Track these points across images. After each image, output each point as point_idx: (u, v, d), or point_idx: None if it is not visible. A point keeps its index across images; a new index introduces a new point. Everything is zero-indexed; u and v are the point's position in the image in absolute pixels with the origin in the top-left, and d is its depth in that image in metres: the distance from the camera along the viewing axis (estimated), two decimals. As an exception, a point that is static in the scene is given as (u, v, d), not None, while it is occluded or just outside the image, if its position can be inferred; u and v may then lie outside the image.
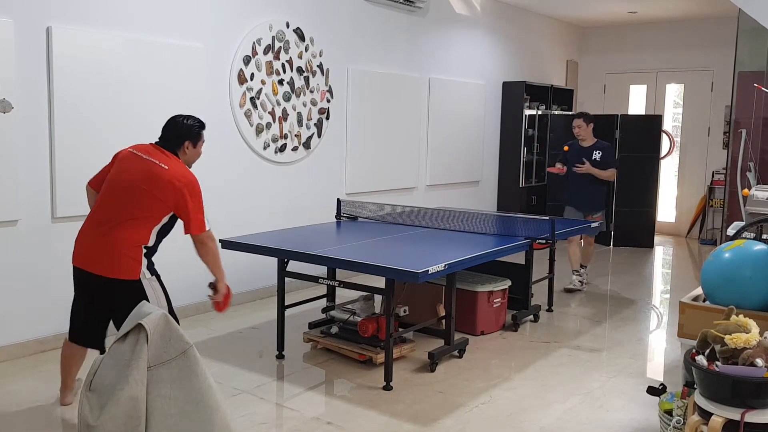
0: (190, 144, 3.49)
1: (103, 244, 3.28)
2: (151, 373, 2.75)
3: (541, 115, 9.12)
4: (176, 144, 3.45)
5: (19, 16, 4.20)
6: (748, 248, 3.24)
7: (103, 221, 3.31)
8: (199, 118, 3.56)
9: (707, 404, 2.64)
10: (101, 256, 3.29)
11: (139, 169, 3.32)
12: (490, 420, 3.56)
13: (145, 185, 3.28)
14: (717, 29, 9.27)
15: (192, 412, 2.75)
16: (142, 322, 2.78)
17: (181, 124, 3.47)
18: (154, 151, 3.40)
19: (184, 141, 3.46)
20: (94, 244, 3.31)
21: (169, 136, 3.46)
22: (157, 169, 3.31)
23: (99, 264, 3.29)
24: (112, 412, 2.68)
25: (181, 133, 3.46)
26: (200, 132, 3.53)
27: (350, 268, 3.96)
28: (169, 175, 3.30)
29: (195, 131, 3.50)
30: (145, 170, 3.31)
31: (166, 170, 3.31)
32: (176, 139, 3.46)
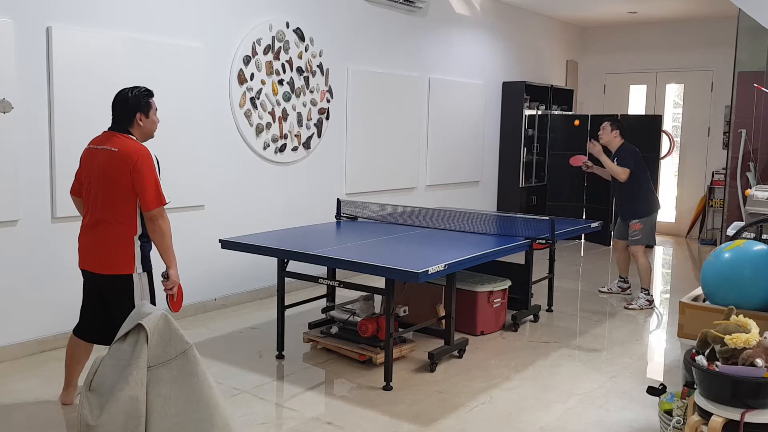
0: (142, 115, 3.41)
1: (97, 244, 3.37)
2: (151, 373, 2.75)
3: (541, 115, 9.12)
4: (127, 121, 3.39)
5: (19, 16, 4.20)
6: (748, 248, 3.24)
7: (92, 223, 3.38)
8: (144, 87, 3.46)
9: (707, 404, 2.64)
10: (97, 255, 3.37)
11: (98, 162, 3.34)
12: (490, 420, 3.56)
13: (109, 174, 3.29)
14: (717, 29, 9.27)
15: (192, 412, 2.75)
16: (142, 323, 2.78)
17: (127, 99, 3.39)
18: (107, 138, 3.38)
19: (134, 114, 3.39)
20: (90, 245, 3.40)
21: (119, 114, 3.41)
22: (109, 154, 3.30)
23: (97, 263, 3.38)
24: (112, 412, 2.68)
25: (129, 107, 3.39)
26: (148, 100, 3.43)
27: (350, 268, 3.96)
28: (119, 154, 3.28)
29: (143, 101, 3.41)
30: (103, 160, 3.32)
31: (116, 152, 3.29)
32: (126, 115, 3.39)
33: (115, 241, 3.32)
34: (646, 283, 5.89)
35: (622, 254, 6.15)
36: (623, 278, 6.28)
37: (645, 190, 5.87)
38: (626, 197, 5.91)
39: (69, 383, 3.62)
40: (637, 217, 5.83)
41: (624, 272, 6.25)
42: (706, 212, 9.43)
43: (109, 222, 3.32)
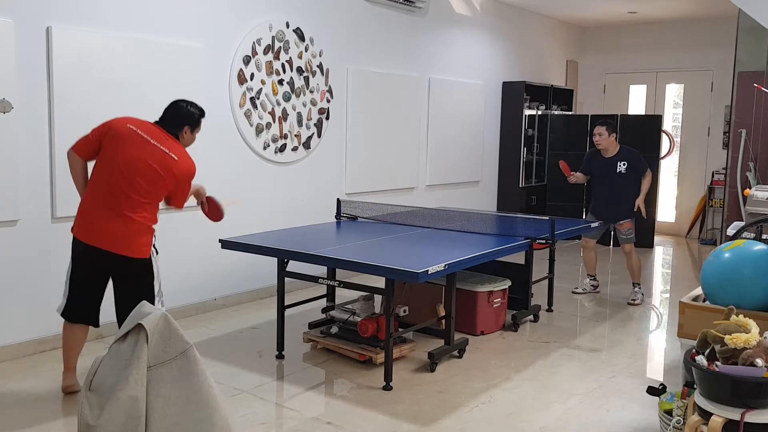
0: (189, 129, 3.65)
1: (122, 226, 3.44)
2: (151, 373, 2.75)
3: (541, 115, 9.12)
4: (177, 128, 3.60)
5: (19, 16, 4.20)
6: (748, 248, 3.24)
7: (117, 202, 3.44)
8: (201, 106, 3.70)
9: (707, 404, 2.64)
10: (120, 237, 3.44)
11: (152, 154, 3.46)
12: (490, 420, 3.56)
13: (161, 173, 3.47)
14: (717, 29, 9.27)
15: (192, 412, 2.75)
16: (142, 322, 2.78)
17: (183, 110, 3.62)
18: (161, 136, 3.53)
19: (184, 126, 3.62)
20: (111, 225, 3.44)
21: (170, 120, 3.60)
22: (170, 160, 3.50)
23: (117, 244, 3.44)
24: (112, 412, 2.68)
25: (183, 118, 3.61)
26: (200, 120, 3.69)
27: (350, 268, 3.96)
28: (180, 167, 3.53)
29: (195, 118, 3.66)
30: (160, 159, 3.47)
31: (176, 162, 3.53)
32: (177, 124, 3.60)
33: (142, 229, 3.49)
34: (639, 278, 6.10)
35: (592, 253, 6.27)
36: (593, 276, 6.37)
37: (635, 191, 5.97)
38: (621, 198, 5.95)
39: (68, 366, 3.68)
40: (630, 217, 5.95)
41: (593, 271, 6.36)
42: (706, 212, 9.43)
43: (140, 211, 3.46)
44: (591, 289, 6.35)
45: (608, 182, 5.95)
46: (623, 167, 5.90)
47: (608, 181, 5.95)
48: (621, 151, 5.94)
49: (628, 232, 5.97)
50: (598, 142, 5.93)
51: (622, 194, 5.94)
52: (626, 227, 5.97)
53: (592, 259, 6.30)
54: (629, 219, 5.95)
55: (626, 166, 5.89)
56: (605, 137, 5.89)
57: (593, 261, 6.31)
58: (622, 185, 5.92)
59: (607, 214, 5.99)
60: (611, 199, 5.96)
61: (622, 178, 5.92)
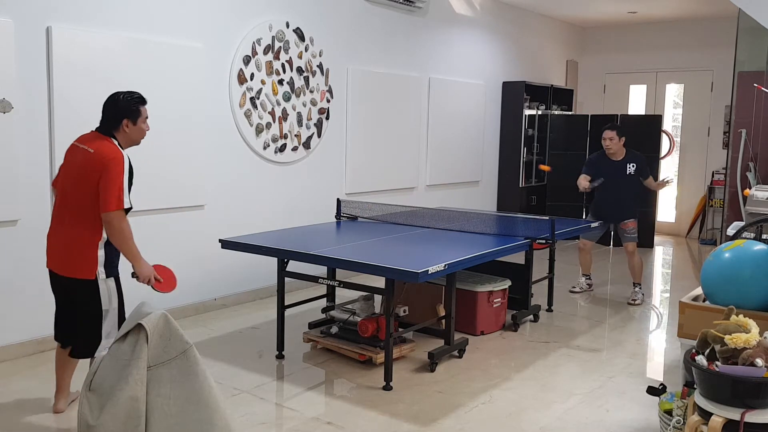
0: (129, 122, 3.31)
1: (62, 244, 3.30)
2: (151, 373, 2.75)
3: (541, 115, 9.12)
4: (113, 124, 3.31)
5: (19, 16, 4.20)
6: (748, 248, 3.24)
7: (60, 221, 3.33)
8: (138, 92, 3.39)
9: (707, 404, 2.64)
10: (61, 256, 3.30)
11: (76, 161, 3.29)
12: (490, 420, 3.56)
13: (81, 174, 3.22)
14: (717, 29, 9.27)
15: (192, 412, 2.75)
16: (142, 322, 2.78)
17: (117, 102, 3.31)
18: (90, 138, 3.32)
19: (121, 120, 3.30)
20: (56, 245, 3.33)
21: (107, 117, 3.33)
22: (86, 154, 3.23)
23: (59, 264, 3.31)
24: (112, 412, 2.68)
25: (118, 112, 3.30)
26: (139, 108, 3.34)
27: (350, 268, 3.96)
28: (93, 156, 3.21)
29: (133, 107, 3.32)
30: (80, 160, 3.26)
31: (92, 153, 3.21)
32: (113, 119, 3.31)
33: (78, 245, 3.23)
34: (641, 278, 6.16)
35: (588, 255, 6.36)
36: (588, 276, 6.45)
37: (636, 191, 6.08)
38: (628, 199, 6.01)
39: (58, 388, 3.56)
40: (633, 217, 6.05)
41: (588, 270, 6.43)
42: (706, 212, 9.43)
43: (76, 224, 3.24)
44: (586, 287, 6.42)
45: (617, 184, 5.98)
46: (632, 169, 5.97)
47: (617, 183, 5.97)
48: (628, 154, 6.03)
49: (632, 231, 6.03)
50: (608, 146, 5.94)
51: (630, 195, 6.03)
52: (630, 226, 6.03)
53: (588, 260, 6.39)
54: (633, 218, 6.03)
55: (635, 168, 5.97)
56: (615, 141, 5.93)
57: (588, 262, 6.40)
58: (630, 187, 6.01)
59: (612, 214, 6.04)
60: (618, 200, 6.00)
61: (631, 179, 6.00)
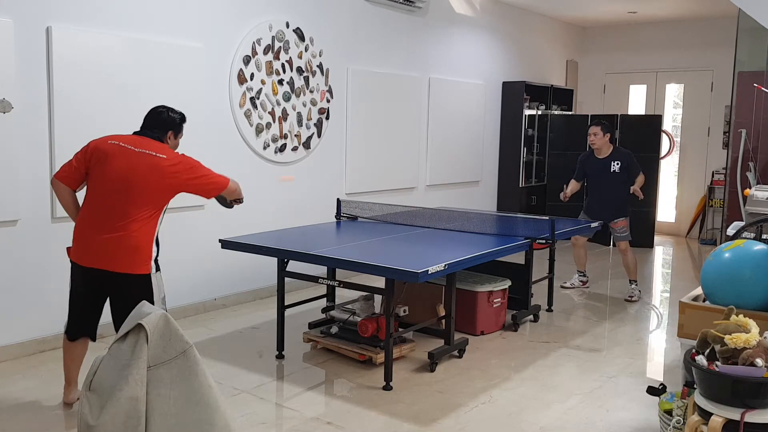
0: (173, 134, 3.58)
1: (118, 243, 3.32)
2: (150, 373, 2.75)
3: (541, 115, 9.12)
4: (161, 133, 3.53)
5: (19, 16, 4.20)
6: (748, 248, 3.24)
7: (113, 219, 3.32)
8: (181, 111, 3.64)
9: (707, 404, 2.64)
10: (117, 253, 3.33)
11: (139, 163, 3.34)
12: (490, 420, 3.56)
13: (152, 177, 3.34)
14: (717, 29, 9.27)
15: (192, 412, 2.75)
16: (142, 322, 2.78)
17: (165, 115, 3.56)
18: (145, 142, 3.43)
19: (167, 131, 3.55)
20: (107, 243, 3.32)
21: (153, 126, 3.54)
22: (159, 160, 3.37)
23: (114, 262, 3.34)
24: (112, 412, 2.68)
25: (165, 123, 3.55)
26: (182, 124, 3.62)
27: (350, 268, 3.96)
28: (171, 162, 3.39)
29: (177, 122, 3.59)
30: (150, 163, 3.35)
31: (165, 159, 3.38)
32: (160, 129, 3.53)
33: (135, 241, 3.35)
34: (636, 275, 6.20)
35: (582, 250, 6.41)
36: (582, 272, 6.50)
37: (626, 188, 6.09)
38: (615, 198, 6.06)
39: (68, 381, 3.61)
40: (624, 215, 6.07)
41: (583, 267, 6.49)
42: (706, 212, 9.43)
43: (132, 222, 3.33)
44: (579, 284, 6.46)
45: (602, 182, 6.05)
46: (617, 167, 6.00)
47: (602, 182, 6.05)
48: (614, 152, 6.05)
49: (623, 230, 6.07)
50: (593, 141, 6.02)
51: (617, 193, 6.05)
52: (620, 225, 6.07)
53: (582, 256, 6.43)
54: (624, 217, 6.06)
55: (620, 166, 6.00)
56: (600, 137, 5.98)
57: (583, 258, 6.44)
58: (616, 185, 6.03)
59: (602, 213, 6.06)
60: (606, 198, 6.05)
61: (616, 177, 6.02)
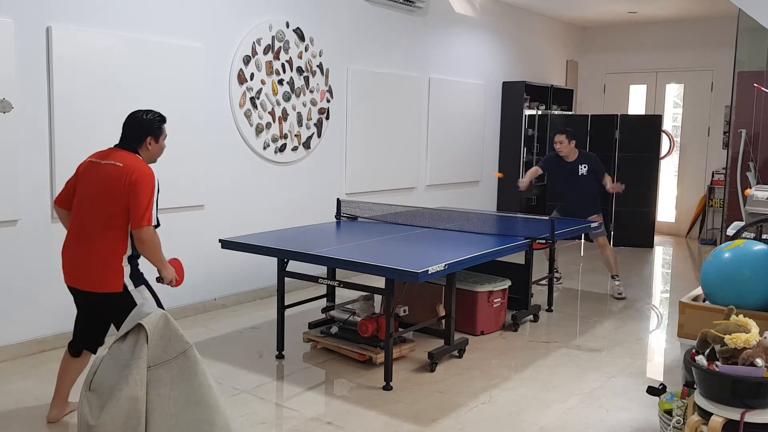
0: (152, 139, 3.38)
1: (84, 261, 3.26)
2: (150, 373, 2.75)
3: (541, 115, 9.12)
4: (137, 141, 3.35)
5: (19, 16, 4.20)
6: (748, 248, 3.24)
7: (80, 237, 3.28)
8: (159, 112, 3.45)
9: (707, 404, 2.64)
10: (84, 272, 3.26)
11: (100, 176, 3.25)
12: (490, 420, 3.56)
13: (108, 189, 3.21)
14: (717, 29, 9.27)
15: (192, 412, 2.75)
16: (142, 322, 2.78)
17: (141, 120, 3.37)
18: (113, 154, 3.31)
19: (145, 137, 3.36)
20: (77, 261, 3.29)
21: (129, 134, 3.36)
22: (114, 169, 3.23)
23: (84, 280, 3.27)
24: (112, 412, 2.68)
25: (142, 129, 3.36)
26: (161, 126, 3.42)
27: (350, 268, 3.96)
28: (124, 170, 3.21)
29: (156, 126, 3.39)
30: (105, 175, 3.24)
31: (121, 167, 3.22)
32: (137, 136, 3.35)
33: (103, 259, 3.22)
34: (617, 269, 6.33)
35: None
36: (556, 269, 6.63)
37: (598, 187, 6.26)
38: (587, 196, 6.24)
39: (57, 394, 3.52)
40: (597, 212, 6.27)
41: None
42: (706, 212, 9.43)
43: (99, 239, 3.22)
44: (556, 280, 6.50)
45: (572, 185, 6.24)
46: (584, 170, 6.21)
47: (572, 184, 6.24)
48: (581, 156, 6.26)
49: (597, 225, 6.15)
50: (560, 149, 6.18)
51: (587, 193, 6.26)
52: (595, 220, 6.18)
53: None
54: (597, 213, 6.25)
55: (587, 169, 6.21)
56: (566, 144, 6.17)
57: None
58: (585, 186, 6.22)
59: (576, 212, 6.19)
60: (577, 198, 6.25)
61: (584, 179, 6.20)
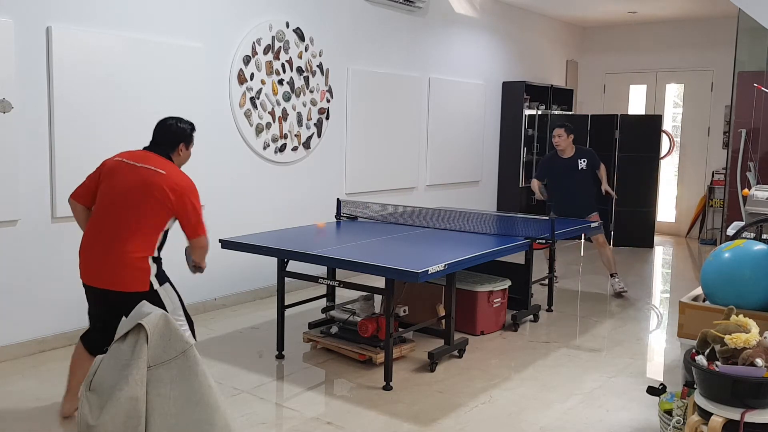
0: (184, 146, 3.46)
1: (112, 259, 3.23)
2: (150, 373, 2.75)
3: (541, 115, 9.12)
4: (171, 147, 3.42)
5: (19, 16, 4.20)
6: (748, 248, 3.24)
7: (108, 236, 3.25)
8: (190, 120, 3.53)
9: (707, 404, 2.64)
10: (111, 271, 3.24)
11: (136, 178, 3.26)
12: (490, 420, 3.56)
13: (146, 193, 3.23)
14: (717, 29, 9.27)
15: (192, 412, 2.75)
16: (142, 322, 2.78)
17: (174, 127, 3.44)
18: (149, 157, 3.33)
19: (178, 144, 3.44)
20: (103, 260, 3.26)
21: (163, 140, 3.41)
22: (156, 175, 3.26)
23: (110, 279, 3.25)
24: (112, 412, 2.68)
25: (176, 137, 3.43)
26: (192, 134, 3.51)
27: (350, 268, 3.96)
28: (170, 180, 3.26)
29: (188, 133, 3.48)
30: (144, 178, 3.25)
31: (164, 175, 3.26)
32: (170, 143, 3.42)
33: (131, 259, 3.23)
34: (615, 267, 6.33)
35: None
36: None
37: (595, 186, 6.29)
38: (585, 194, 6.23)
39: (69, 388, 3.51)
40: (595, 210, 6.26)
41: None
42: (706, 212, 9.44)
43: (131, 239, 3.22)
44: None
45: (570, 181, 6.21)
46: (584, 164, 6.20)
47: (570, 180, 6.21)
48: (578, 151, 6.24)
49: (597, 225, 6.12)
50: (557, 143, 6.19)
51: (585, 190, 6.25)
52: (593, 219, 6.18)
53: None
54: (595, 212, 6.25)
55: (586, 163, 6.21)
56: (564, 138, 6.16)
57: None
58: (584, 182, 6.22)
59: (573, 210, 6.18)
60: (575, 195, 6.21)
61: (583, 175, 6.21)
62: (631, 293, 6.33)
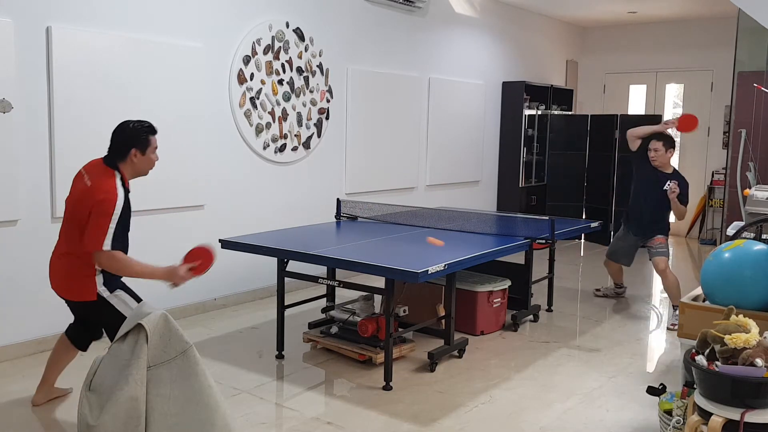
0: (137, 152, 3.22)
1: (60, 270, 3.32)
2: (150, 373, 2.75)
3: (540, 115, 9.12)
4: (121, 154, 3.22)
5: (19, 16, 4.20)
6: (748, 248, 3.24)
7: (59, 247, 3.36)
8: (149, 122, 3.31)
9: (707, 404, 2.64)
10: (62, 281, 3.32)
11: (76, 190, 3.28)
12: (490, 420, 3.56)
13: (78, 206, 3.20)
14: (717, 29, 9.27)
15: (192, 411, 2.75)
16: (142, 322, 2.78)
17: (125, 130, 3.22)
18: (91, 168, 3.27)
19: (129, 149, 3.21)
20: (55, 270, 3.35)
21: (113, 146, 3.24)
22: (84, 187, 3.19)
23: (63, 289, 3.34)
24: (112, 412, 2.68)
25: (127, 140, 3.21)
26: (148, 137, 3.24)
27: (350, 268, 3.96)
28: (90, 191, 3.15)
29: (142, 137, 3.22)
30: (80, 190, 3.24)
31: (89, 187, 3.16)
32: (121, 148, 3.21)
33: (76, 270, 3.23)
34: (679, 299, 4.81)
35: (614, 267, 5.99)
36: (619, 285, 6.20)
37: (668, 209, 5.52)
38: (660, 215, 5.56)
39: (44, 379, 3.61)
40: (665, 233, 5.58)
41: (619, 279, 6.15)
42: (706, 212, 9.44)
43: (72, 250, 3.24)
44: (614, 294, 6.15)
45: (651, 196, 5.50)
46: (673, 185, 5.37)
47: (652, 196, 5.49)
48: (675, 174, 5.52)
49: (660, 246, 5.51)
50: (653, 158, 5.44)
51: (662, 212, 5.54)
52: (658, 242, 5.53)
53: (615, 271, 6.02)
54: (663, 235, 5.56)
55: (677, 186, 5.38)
56: (661, 153, 5.43)
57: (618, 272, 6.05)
58: (663, 204, 5.45)
59: (642, 230, 5.62)
60: (650, 214, 5.55)
61: (665, 196, 5.41)
62: (631, 293, 6.33)
